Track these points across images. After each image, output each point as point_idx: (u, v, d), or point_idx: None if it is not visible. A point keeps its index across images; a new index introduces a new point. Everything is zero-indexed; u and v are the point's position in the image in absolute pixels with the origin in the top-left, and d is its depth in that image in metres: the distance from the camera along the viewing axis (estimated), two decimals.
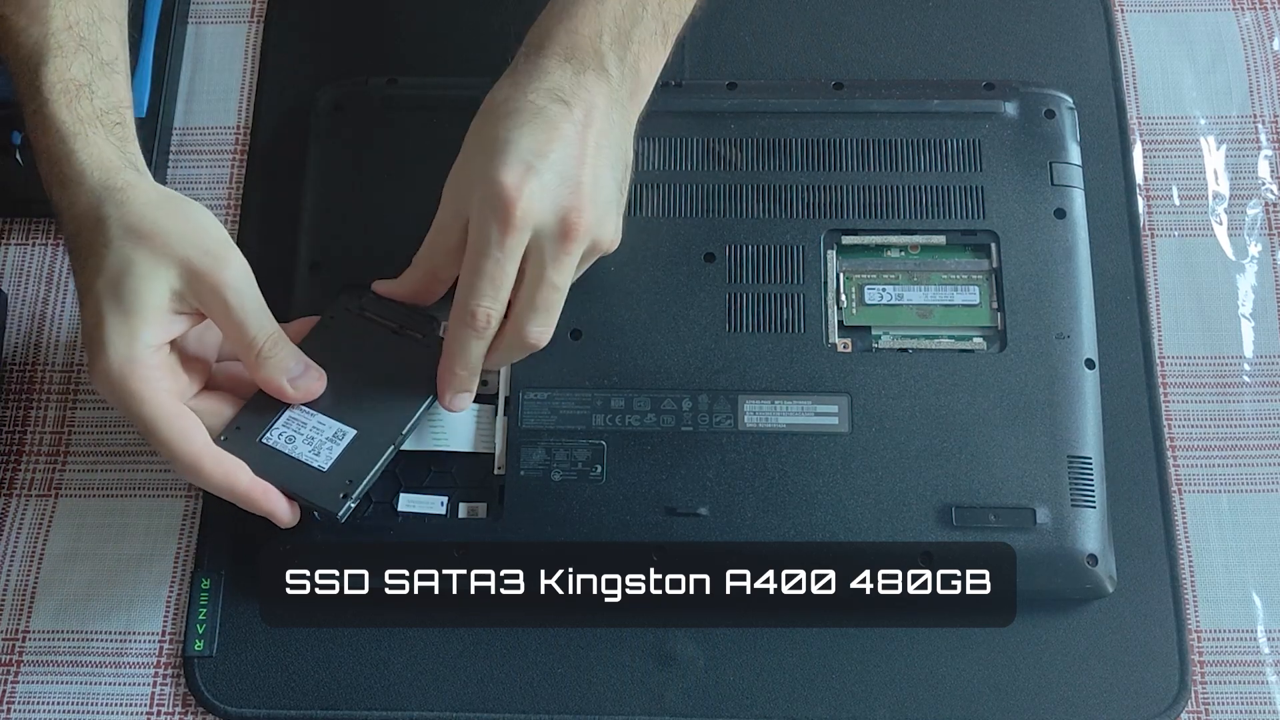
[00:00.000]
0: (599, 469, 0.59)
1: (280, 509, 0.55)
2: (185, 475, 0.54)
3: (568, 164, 0.53)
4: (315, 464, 0.56)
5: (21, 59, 0.55)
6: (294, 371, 0.56)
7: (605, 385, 0.60)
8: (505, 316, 0.55)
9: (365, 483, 0.56)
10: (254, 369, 0.55)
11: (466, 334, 0.55)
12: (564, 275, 0.54)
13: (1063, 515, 0.58)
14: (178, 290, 0.53)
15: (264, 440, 0.56)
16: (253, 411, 0.57)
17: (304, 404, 0.57)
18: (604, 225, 0.55)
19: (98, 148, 0.54)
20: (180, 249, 0.53)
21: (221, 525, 0.62)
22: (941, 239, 0.63)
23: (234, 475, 0.54)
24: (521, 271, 0.54)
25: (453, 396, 0.57)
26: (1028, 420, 0.59)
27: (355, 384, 0.57)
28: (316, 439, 0.56)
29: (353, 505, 0.55)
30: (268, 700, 0.59)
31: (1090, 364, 0.60)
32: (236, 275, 0.54)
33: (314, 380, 0.56)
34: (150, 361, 0.52)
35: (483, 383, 0.59)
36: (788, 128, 0.64)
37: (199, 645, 0.60)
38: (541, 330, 0.55)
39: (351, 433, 0.56)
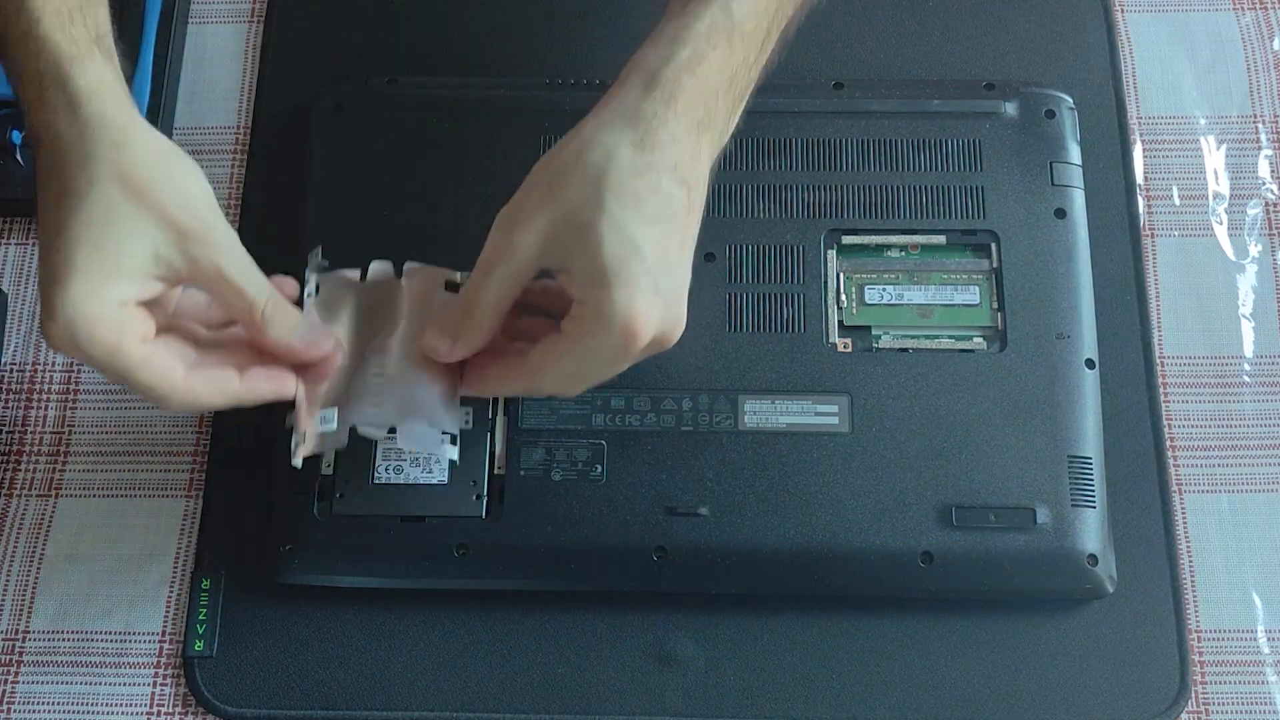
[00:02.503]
0: (599, 469, 0.59)
1: (284, 386, 0.53)
2: (175, 409, 0.51)
3: (679, 273, 0.50)
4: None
5: None
6: (302, 330, 0.53)
7: (605, 385, 0.60)
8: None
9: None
10: (260, 331, 0.52)
11: (508, 381, 0.53)
12: (619, 371, 0.52)
13: (1063, 515, 0.58)
14: (161, 253, 0.49)
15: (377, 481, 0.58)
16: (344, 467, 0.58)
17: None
18: (679, 327, 0.51)
19: (96, 75, 0.50)
20: (172, 209, 0.49)
21: (221, 525, 0.62)
22: (941, 239, 0.63)
23: (228, 385, 0.51)
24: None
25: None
26: (1028, 420, 0.59)
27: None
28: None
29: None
30: (268, 700, 0.59)
31: (1090, 364, 0.60)
32: (230, 239, 0.51)
33: (326, 338, 0.54)
34: (114, 315, 0.49)
35: None
36: (788, 127, 0.64)
37: (199, 645, 0.60)
38: (561, 393, 0.53)
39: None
